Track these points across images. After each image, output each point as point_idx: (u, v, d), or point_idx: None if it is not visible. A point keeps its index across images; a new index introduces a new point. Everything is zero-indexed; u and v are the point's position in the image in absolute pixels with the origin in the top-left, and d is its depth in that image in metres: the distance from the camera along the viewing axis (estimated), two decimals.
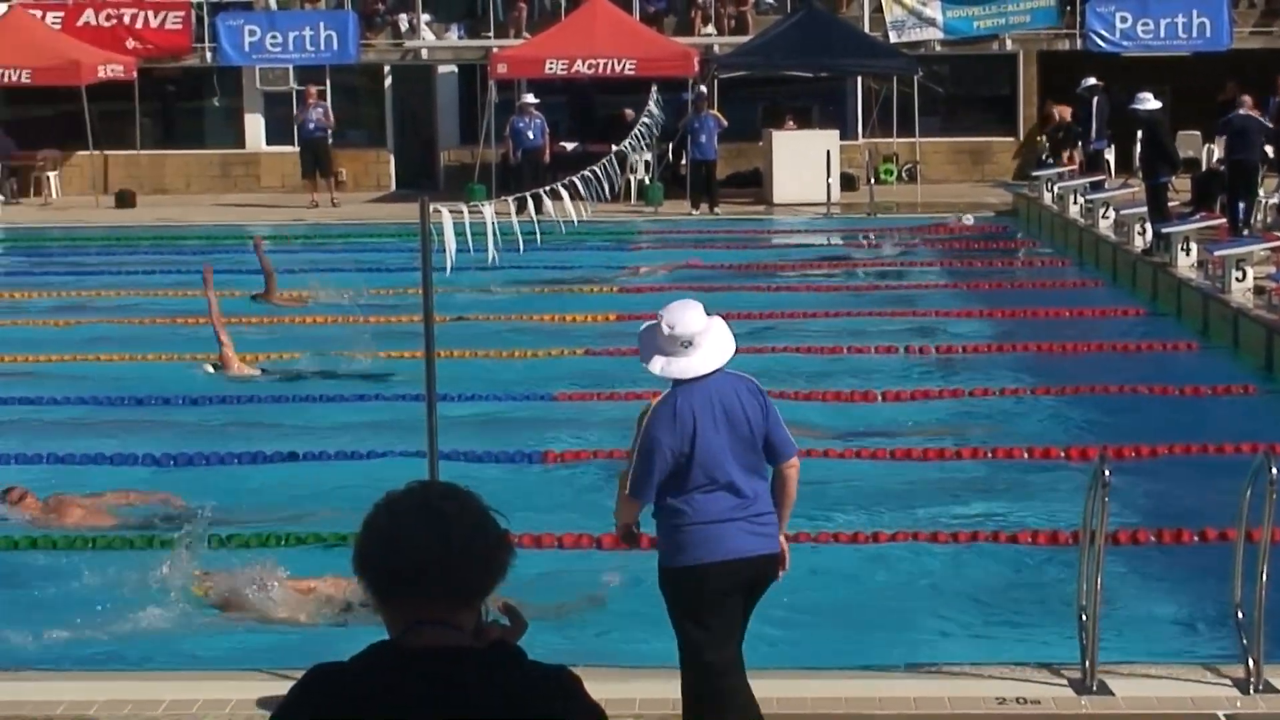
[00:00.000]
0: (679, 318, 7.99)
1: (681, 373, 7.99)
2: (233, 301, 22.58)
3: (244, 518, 13.79)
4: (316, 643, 10.54)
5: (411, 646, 4.02)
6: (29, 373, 19.97)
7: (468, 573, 4.07)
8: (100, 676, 10.03)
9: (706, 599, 8.06)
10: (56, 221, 36.92)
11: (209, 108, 43.06)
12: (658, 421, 7.95)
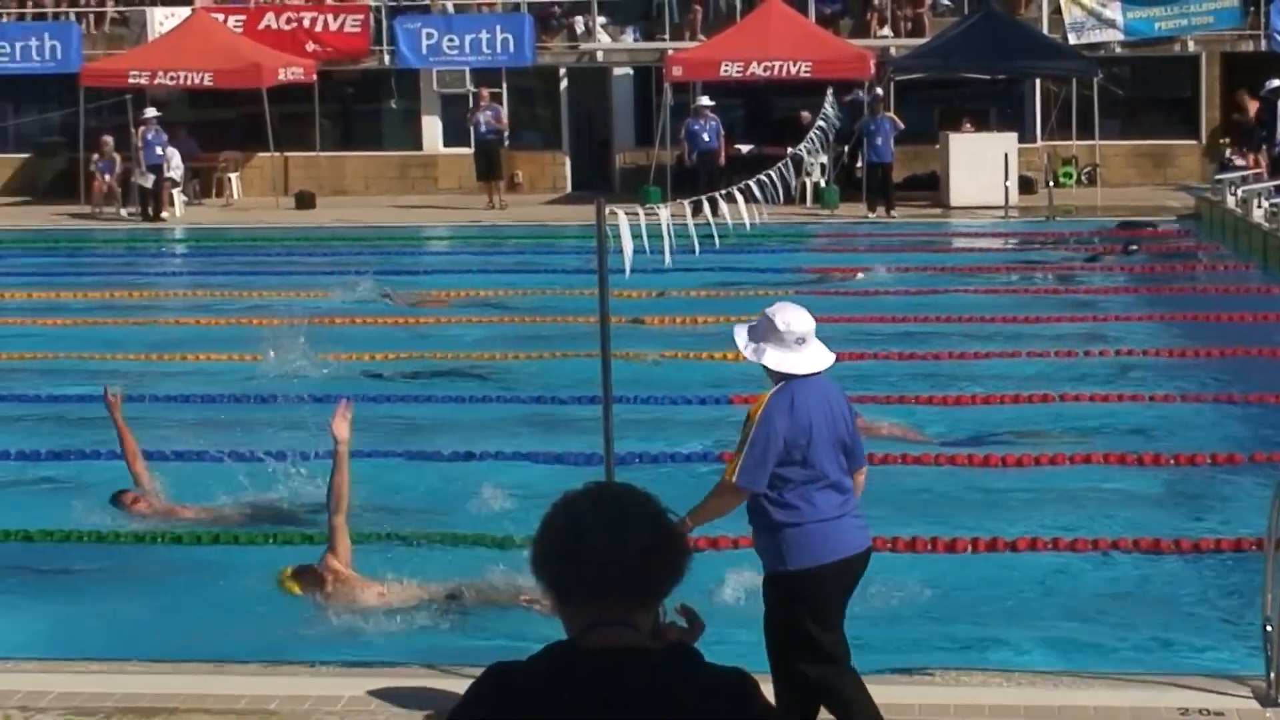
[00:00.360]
0: (793, 316, 8.23)
1: (800, 367, 8.21)
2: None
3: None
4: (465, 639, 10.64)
5: (589, 647, 4.01)
6: (198, 371, 20.26)
7: (645, 575, 4.06)
8: (281, 671, 10.12)
9: (828, 598, 8.20)
10: (237, 222, 37.42)
11: (387, 110, 43.46)
12: (776, 412, 8.11)
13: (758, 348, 8.26)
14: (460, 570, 12.07)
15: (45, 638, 11.14)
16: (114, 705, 9.41)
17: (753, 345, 8.28)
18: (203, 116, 42.89)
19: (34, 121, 43.24)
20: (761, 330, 8.27)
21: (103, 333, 23.27)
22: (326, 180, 41.52)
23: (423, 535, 13.18)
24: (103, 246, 35.59)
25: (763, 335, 8.25)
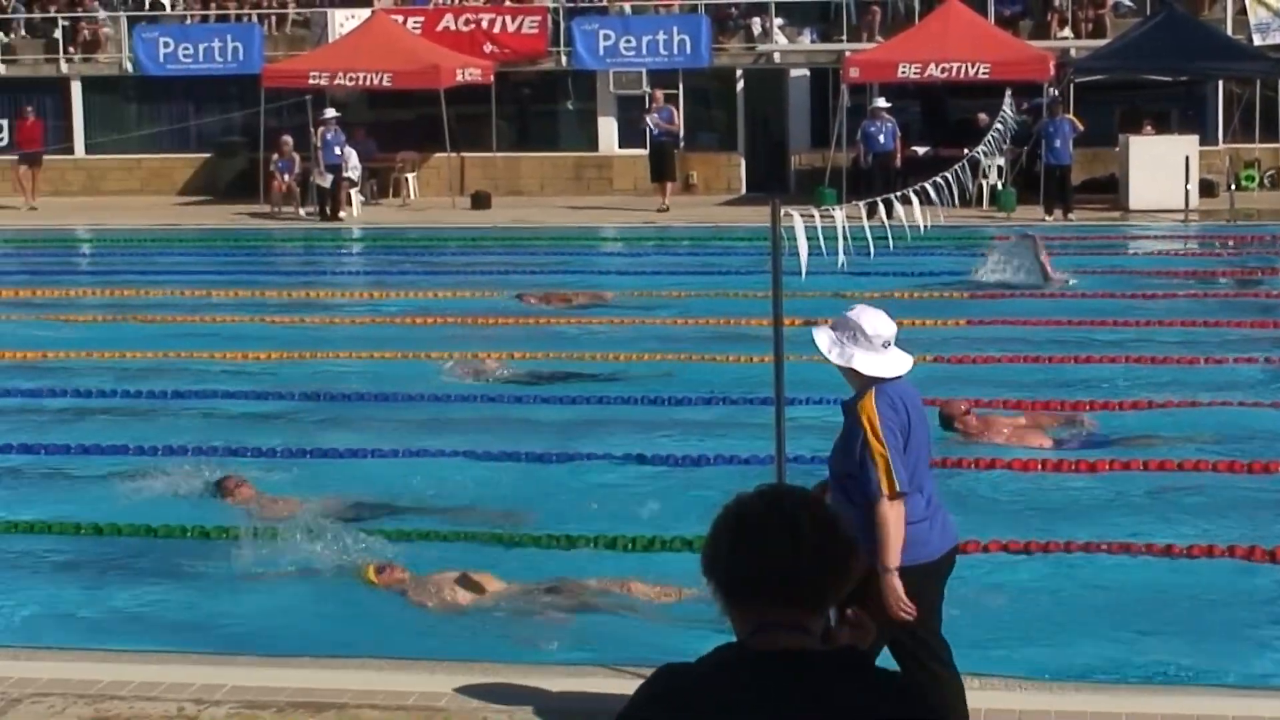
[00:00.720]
0: (877, 320, 8.33)
1: (890, 371, 8.27)
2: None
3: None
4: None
5: (757, 649, 3.99)
6: (372, 371, 20.44)
7: (816, 578, 4.04)
8: (451, 669, 10.16)
9: (930, 595, 8.30)
10: (414, 222, 37.72)
11: (563, 111, 43.64)
12: (884, 413, 8.16)
13: (844, 352, 8.30)
14: (650, 573, 12.10)
15: (217, 633, 11.25)
16: (286, 700, 9.50)
17: (838, 350, 8.32)
18: (381, 117, 43.30)
19: (215, 122, 43.87)
20: (848, 335, 8.31)
21: (280, 331, 23.56)
22: (502, 181, 41.77)
23: (604, 539, 13.19)
24: (281, 246, 36.06)
25: (850, 340, 8.30)
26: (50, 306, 26.38)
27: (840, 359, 8.31)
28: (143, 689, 9.67)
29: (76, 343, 22.51)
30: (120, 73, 44.20)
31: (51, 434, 17.19)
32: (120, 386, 19.47)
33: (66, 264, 34.13)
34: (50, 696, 9.58)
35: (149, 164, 44.22)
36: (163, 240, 35.02)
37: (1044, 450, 15.82)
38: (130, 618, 11.62)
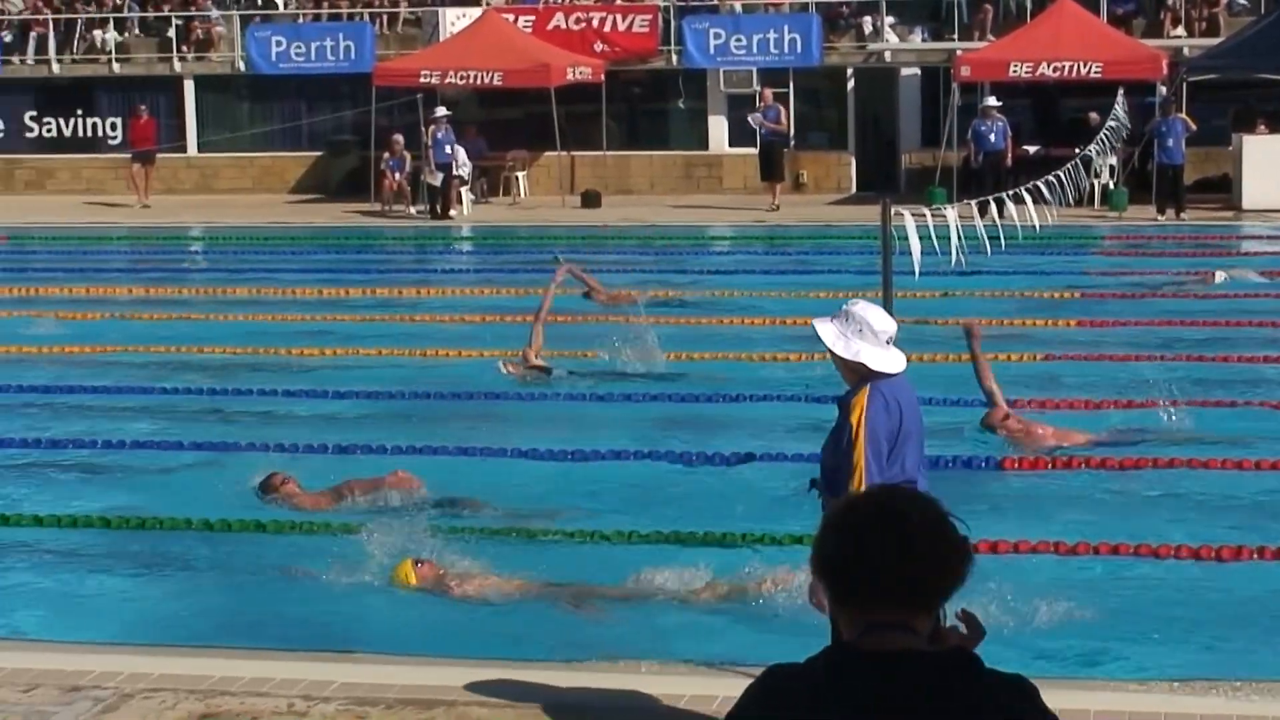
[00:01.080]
0: (879, 315, 8.39)
1: (894, 366, 8.28)
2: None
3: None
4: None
5: (866, 649, 3.96)
6: (484, 366, 20.48)
7: (927, 579, 4.01)
8: (566, 667, 10.17)
9: None
10: (523, 221, 37.83)
11: (673, 109, 43.63)
12: (875, 411, 8.16)
13: (850, 345, 8.28)
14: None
15: (324, 629, 11.31)
16: (394, 696, 9.53)
17: (843, 343, 8.30)
18: (491, 116, 43.44)
19: (327, 120, 44.16)
20: (856, 330, 8.30)
21: (391, 328, 23.68)
22: (612, 179, 41.82)
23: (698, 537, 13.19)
24: (391, 244, 36.26)
25: (858, 335, 8.30)
26: (163, 304, 26.61)
27: (846, 352, 8.30)
28: (253, 685, 9.73)
29: (188, 339, 22.70)
30: (233, 71, 44.57)
31: (163, 430, 17.32)
32: (230, 385, 19.60)
33: (178, 262, 34.43)
34: (161, 692, 9.65)
35: (261, 162, 44.58)
36: (274, 238, 35.26)
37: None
38: (240, 615, 11.68)
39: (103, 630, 11.18)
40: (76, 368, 20.94)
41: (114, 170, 44.12)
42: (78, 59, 45.33)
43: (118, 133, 44.85)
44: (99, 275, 29.91)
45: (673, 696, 9.44)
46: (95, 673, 9.97)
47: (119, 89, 45.01)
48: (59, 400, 19.02)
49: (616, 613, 11.58)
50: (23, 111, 45.72)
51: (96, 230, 37.49)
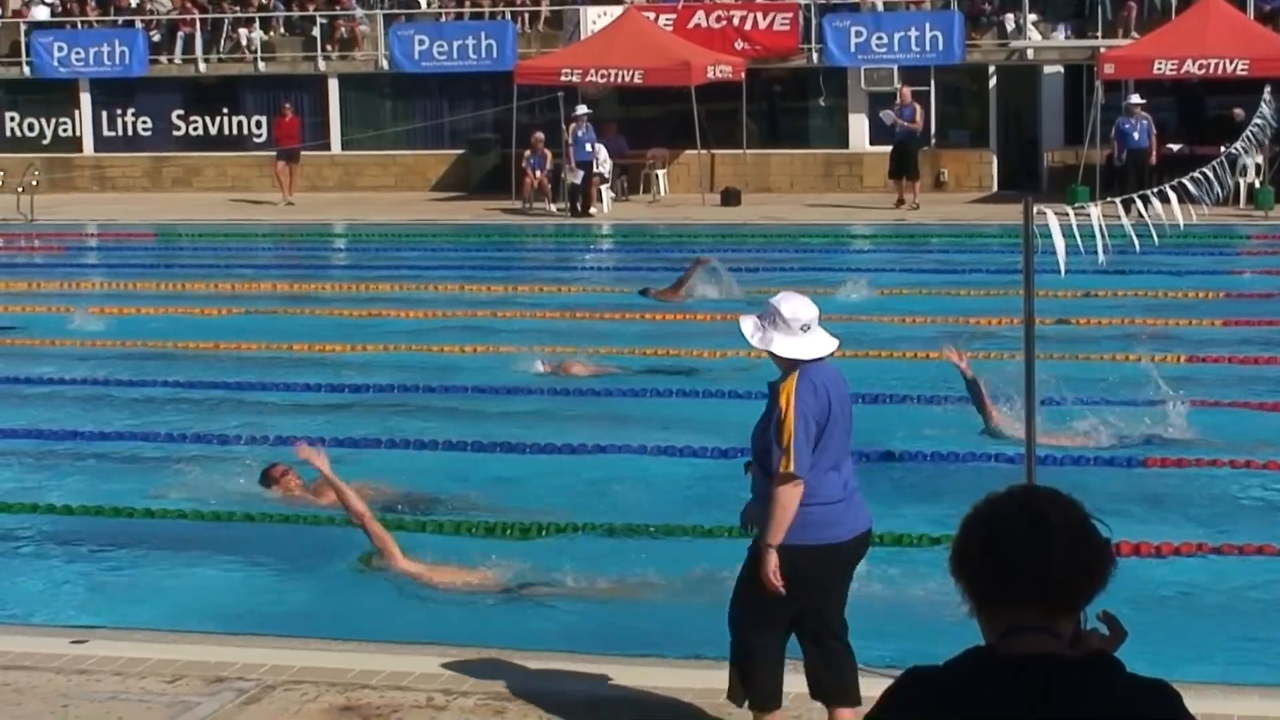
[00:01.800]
0: (796, 305, 8.57)
1: (807, 353, 8.50)
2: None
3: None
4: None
5: (1007, 653, 3.94)
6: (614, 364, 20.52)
7: (1067, 581, 3.98)
8: (695, 665, 10.19)
9: (836, 575, 8.57)
10: (663, 218, 37.88)
11: (813, 108, 43.52)
12: (804, 395, 8.36)
13: (764, 337, 8.55)
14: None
15: (466, 625, 11.37)
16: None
17: (759, 335, 8.57)
18: (632, 114, 43.53)
19: (468, 118, 44.41)
20: (768, 321, 8.58)
21: (530, 325, 23.79)
22: (752, 178, 41.79)
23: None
24: (532, 241, 36.41)
25: (770, 325, 8.56)
26: (307, 300, 26.87)
27: (760, 343, 8.58)
28: (393, 679, 9.81)
29: (333, 335, 22.90)
30: (376, 70, 44.93)
31: (317, 427, 17.41)
32: (375, 380, 19.74)
33: (322, 259, 34.75)
34: (303, 684, 9.76)
35: (403, 160, 44.92)
36: (415, 235, 35.52)
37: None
38: (379, 609, 11.77)
39: (245, 623, 11.30)
40: (221, 363, 21.18)
41: (259, 168, 44.62)
42: (224, 58, 45.87)
43: (263, 131, 45.34)
44: (244, 271, 30.25)
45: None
46: (238, 664, 10.10)
47: (264, 87, 45.51)
48: (205, 395, 19.22)
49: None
50: (170, 110, 46.33)
51: (241, 227, 37.92)
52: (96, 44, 46.10)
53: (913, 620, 10.85)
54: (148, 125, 46.44)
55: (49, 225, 38.67)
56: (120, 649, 10.47)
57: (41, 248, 36.60)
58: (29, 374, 20.60)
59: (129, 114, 46.52)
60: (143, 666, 10.09)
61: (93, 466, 16.23)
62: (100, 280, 29.95)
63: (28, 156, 44.37)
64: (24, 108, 47.14)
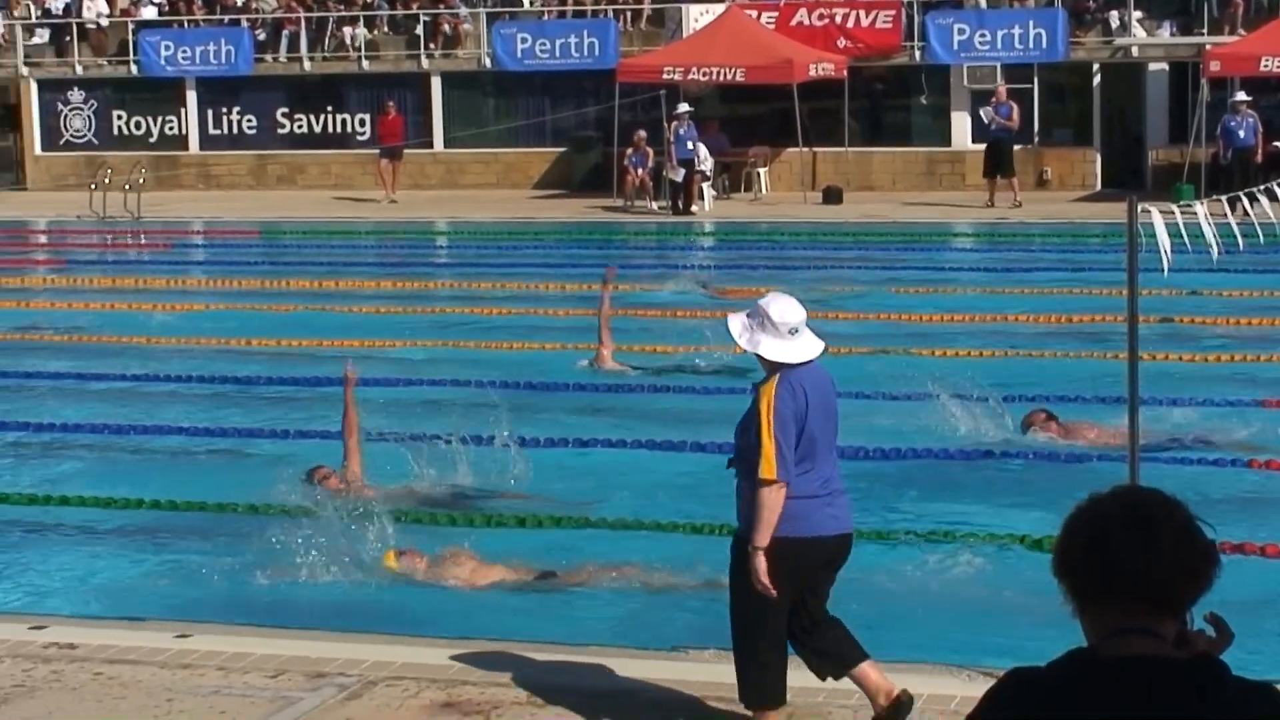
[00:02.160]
0: (785, 307, 8.67)
1: (794, 357, 8.61)
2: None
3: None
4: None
5: (1110, 654, 3.91)
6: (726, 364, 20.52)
7: (1171, 582, 3.94)
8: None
9: (792, 569, 8.57)
10: (764, 217, 37.84)
11: (915, 105, 43.36)
12: (783, 400, 8.49)
13: (753, 339, 8.66)
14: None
15: (571, 622, 11.40)
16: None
17: (747, 336, 8.68)
18: (733, 112, 43.51)
19: (570, 116, 44.49)
20: (756, 322, 8.67)
21: (629, 323, 23.80)
22: (854, 176, 41.68)
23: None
24: (633, 239, 36.44)
25: (758, 327, 8.66)
26: (408, 299, 26.99)
27: (748, 345, 8.68)
28: (494, 676, 9.84)
29: (433, 332, 23.00)
30: (479, 68, 45.08)
31: (413, 422, 17.43)
32: (478, 377, 19.76)
33: (424, 256, 34.91)
34: (404, 680, 9.80)
35: (505, 158, 45.05)
36: (517, 233, 35.62)
37: None
38: (482, 605, 11.82)
39: (347, 619, 11.36)
40: (324, 361, 21.26)
41: (362, 166, 44.88)
42: (328, 56, 46.15)
43: (366, 129, 45.60)
44: (347, 269, 30.43)
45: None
46: (340, 660, 10.16)
47: (368, 86, 45.75)
48: (311, 393, 19.32)
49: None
50: (275, 108, 46.67)
51: (344, 225, 38.14)
52: (203, 43, 46.50)
53: (1014, 621, 10.81)
54: (252, 123, 46.81)
55: (154, 223, 39.04)
56: (223, 644, 10.56)
57: (148, 245, 36.95)
58: (133, 371, 20.78)
59: (234, 112, 46.89)
60: (245, 661, 10.17)
61: (197, 462, 16.36)
62: (205, 277, 30.17)
63: (134, 155, 44.86)
64: (131, 106, 47.61)
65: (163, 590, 12.35)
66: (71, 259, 34.99)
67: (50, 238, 39.54)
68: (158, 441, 17.15)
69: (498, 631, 10.95)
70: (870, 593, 10.93)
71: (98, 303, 26.66)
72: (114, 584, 12.65)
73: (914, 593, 11.70)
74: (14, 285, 29.87)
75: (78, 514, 14.49)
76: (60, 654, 10.27)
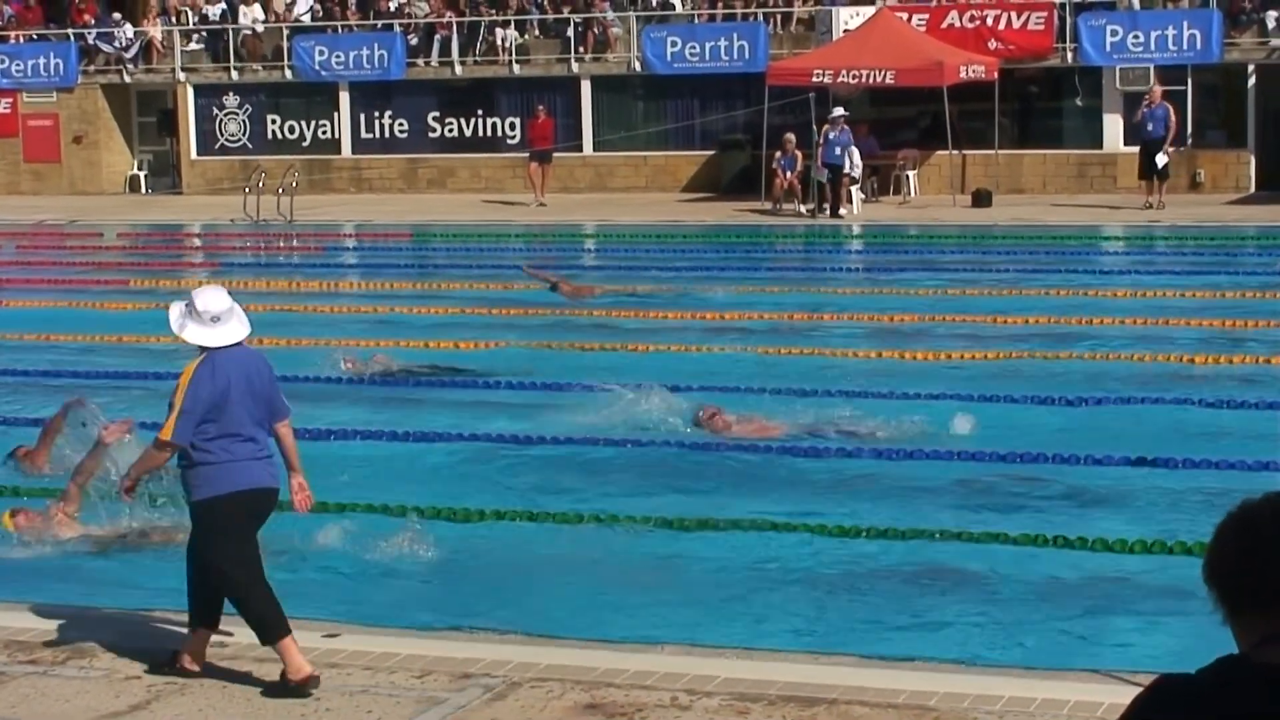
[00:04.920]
0: (210, 299, 10.07)
1: (215, 341, 10.02)
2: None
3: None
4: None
5: (1264, 662, 3.87)
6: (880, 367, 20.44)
7: None
8: (939, 669, 10.15)
9: (236, 520, 9.98)
10: (913, 220, 37.68)
11: (1068, 108, 42.99)
12: (199, 378, 9.91)
13: (181, 325, 10.09)
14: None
15: (711, 626, 11.41)
16: (776, 693, 9.59)
17: (179, 323, 10.09)
18: (883, 114, 43.36)
19: (719, 119, 44.50)
20: (188, 311, 10.07)
21: (779, 324, 23.79)
22: (1004, 178, 41.39)
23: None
24: (780, 242, 36.40)
25: (187, 315, 10.07)
26: (555, 301, 27.09)
27: (178, 330, 10.09)
28: (637, 678, 9.88)
29: (578, 335, 23.07)
30: (628, 71, 45.20)
31: (562, 426, 17.47)
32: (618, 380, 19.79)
33: (572, 259, 35.04)
34: (549, 682, 9.86)
35: (654, 161, 45.14)
36: (664, 236, 35.66)
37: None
38: (623, 608, 11.85)
39: (491, 620, 11.43)
40: (477, 359, 21.39)
41: (512, 169, 45.14)
42: (479, 60, 46.45)
43: (516, 132, 45.85)
44: (496, 272, 30.59)
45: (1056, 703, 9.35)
46: (485, 661, 10.24)
47: (518, 89, 45.99)
48: (471, 397, 19.42)
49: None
50: (426, 112, 47.04)
51: (494, 228, 38.36)
52: (356, 48, 46.99)
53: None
54: (404, 127, 47.21)
55: (307, 225, 39.46)
56: (370, 644, 10.68)
57: (300, 247, 37.37)
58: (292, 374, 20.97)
59: (386, 116, 47.31)
60: (392, 661, 10.28)
61: (358, 464, 16.50)
62: (357, 280, 30.42)
63: (288, 159, 45.36)
64: (285, 111, 48.18)
65: (311, 589, 12.48)
66: (225, 262, 35.50)
67: (204, 241, 40.11)
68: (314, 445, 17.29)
69: (641, 633, 11.00)
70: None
71: (252, 305, 26.99)
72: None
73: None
74: (170, 287, 30.31)
75: None
76: (210, 652, 10.42)
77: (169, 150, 49.68)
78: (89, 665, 10.46)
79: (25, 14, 52.12)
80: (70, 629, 11.09)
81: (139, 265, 34.00)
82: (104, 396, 17.63)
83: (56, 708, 9.72)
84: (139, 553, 13.50)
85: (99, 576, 12.87)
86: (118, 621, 11.40)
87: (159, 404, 11.42)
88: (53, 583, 12.61)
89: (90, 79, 49.32)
